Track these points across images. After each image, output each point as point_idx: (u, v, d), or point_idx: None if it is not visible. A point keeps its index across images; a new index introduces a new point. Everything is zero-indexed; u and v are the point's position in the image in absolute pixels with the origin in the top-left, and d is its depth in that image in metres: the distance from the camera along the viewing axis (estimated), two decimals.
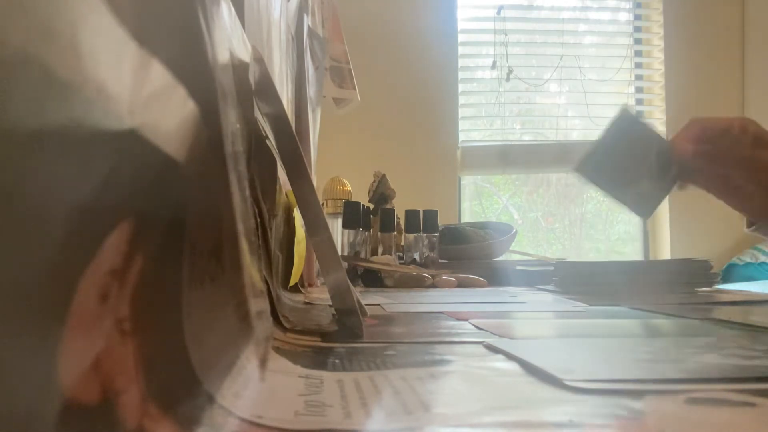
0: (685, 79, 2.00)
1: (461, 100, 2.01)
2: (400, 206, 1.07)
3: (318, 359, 0.27)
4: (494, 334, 0.34)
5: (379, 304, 0.55)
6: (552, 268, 0.85)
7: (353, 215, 1.00)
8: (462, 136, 2.01)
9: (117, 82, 0.14)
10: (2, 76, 0.10)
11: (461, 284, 0.88)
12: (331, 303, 0.40)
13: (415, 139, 1.94)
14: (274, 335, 0.31)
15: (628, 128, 0.64)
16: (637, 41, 2.07)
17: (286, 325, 0.36)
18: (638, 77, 2.06)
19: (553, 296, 0.67)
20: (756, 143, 0.62)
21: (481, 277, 0.91)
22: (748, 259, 1.76)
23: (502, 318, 0.45)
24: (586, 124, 2.05)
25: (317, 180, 1.05)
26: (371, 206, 1.08)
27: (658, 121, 2.03)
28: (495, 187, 2.17)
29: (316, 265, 0.79)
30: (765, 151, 0.62)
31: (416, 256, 1.01)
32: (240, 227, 0.26)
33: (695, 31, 2.02)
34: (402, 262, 1.00)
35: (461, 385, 0.22)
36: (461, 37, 2.01)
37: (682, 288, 0.69)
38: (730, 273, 1.76)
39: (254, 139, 0.38)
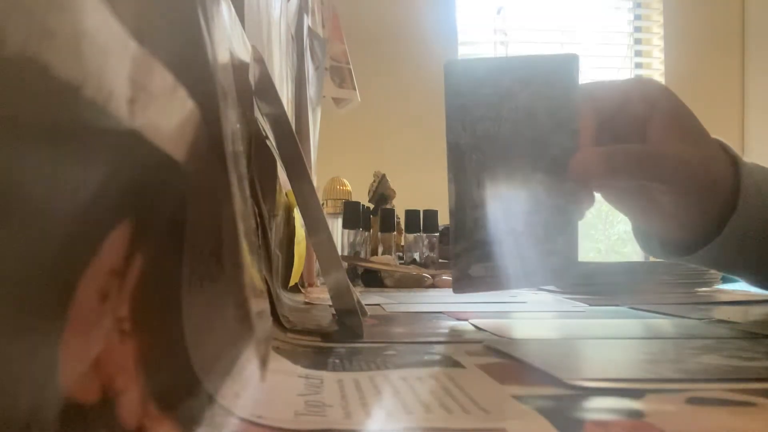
0: (685, 79, 2.00)
1: None
2: (400, 206, 1.07)
3: (318, 359, 0.27)
4: (494, 334, 0.34)
5: (379, 304, 0.54)
6: None
7: (353, 215, 1.00)
8: None
9: (117, 82, 0.14)
10: (2, 76, 0.10)
11: None
12: (331, 303, 0.40)
13: (415, 139, 1.94)
14: (274, 335, 0.31)
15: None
16: (637, 41, 2.07)
17: (286, 325, 0.36)
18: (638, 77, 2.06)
19: (553, 296, 0.67)
20: (671, 128, 0.38)
21: None
22: None
23: (502, 318, 0.45)
24: None
25: (317, 180, 1.05)
26: (371, 206, 1.08)
27: None
28: None
29: (316, 265, 0.79)
30: (693, 148, 0.38)
31: (416, 256, 1.01)
32: (240, 227, 0.26)
33: (695, 31, 2.02)
34: (402, 262, 1.00)
35: None
36: (461, 37, 2.01)
37: (682, 288, 0.69)
38: None
39: (254, 139, 0.38)
